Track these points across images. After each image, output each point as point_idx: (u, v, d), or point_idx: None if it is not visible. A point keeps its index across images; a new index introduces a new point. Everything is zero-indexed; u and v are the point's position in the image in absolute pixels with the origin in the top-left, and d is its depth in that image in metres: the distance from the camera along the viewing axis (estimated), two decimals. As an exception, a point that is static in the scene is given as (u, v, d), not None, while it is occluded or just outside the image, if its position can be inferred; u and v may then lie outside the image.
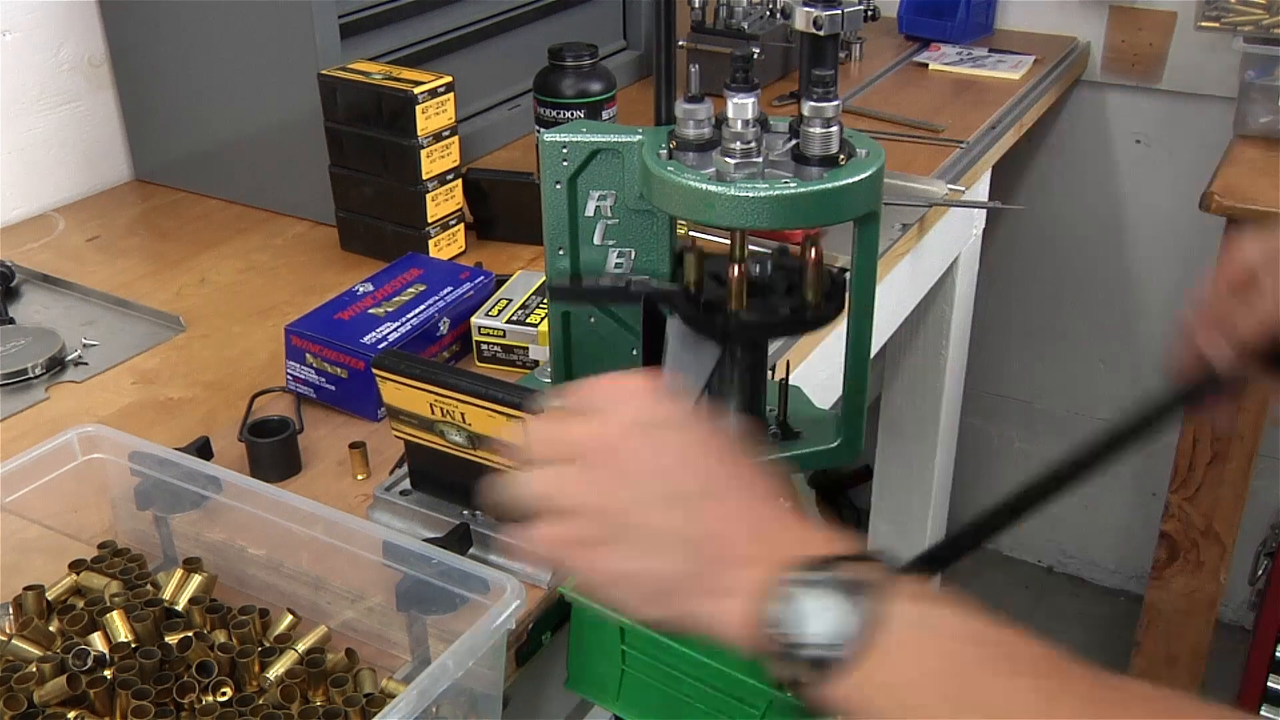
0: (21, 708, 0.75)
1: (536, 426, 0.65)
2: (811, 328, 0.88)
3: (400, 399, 0.86)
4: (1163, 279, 2.30)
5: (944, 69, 1.97)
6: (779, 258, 0.92)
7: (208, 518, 0.89)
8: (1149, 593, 2.08)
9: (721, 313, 0.86)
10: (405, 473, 0.93)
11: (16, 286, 1.31)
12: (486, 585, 0.77)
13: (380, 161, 1.31)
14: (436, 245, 1.33)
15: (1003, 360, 2.51)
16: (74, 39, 1.50)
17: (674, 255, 0.94)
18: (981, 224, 1.95)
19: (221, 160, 1.50)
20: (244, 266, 1.36)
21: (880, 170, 0.82)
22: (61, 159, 1.52)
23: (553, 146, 0.89)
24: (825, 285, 0.87)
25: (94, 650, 0.78)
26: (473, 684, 0.76)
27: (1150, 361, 2.38)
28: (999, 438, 2.61)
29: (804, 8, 0.79)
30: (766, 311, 0.86)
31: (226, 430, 1.04)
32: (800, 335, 0.87)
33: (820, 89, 0.81)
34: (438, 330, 1.12)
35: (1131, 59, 2.12)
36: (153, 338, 1.21)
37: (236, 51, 1.40)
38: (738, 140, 0.80)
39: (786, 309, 0.86)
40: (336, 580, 0.84)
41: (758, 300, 0.87)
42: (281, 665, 0.79)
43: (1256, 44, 1.80)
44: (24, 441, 1.00)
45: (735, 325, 0.86)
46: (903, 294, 1.63)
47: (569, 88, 1.38)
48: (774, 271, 0.90)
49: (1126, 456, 0.77)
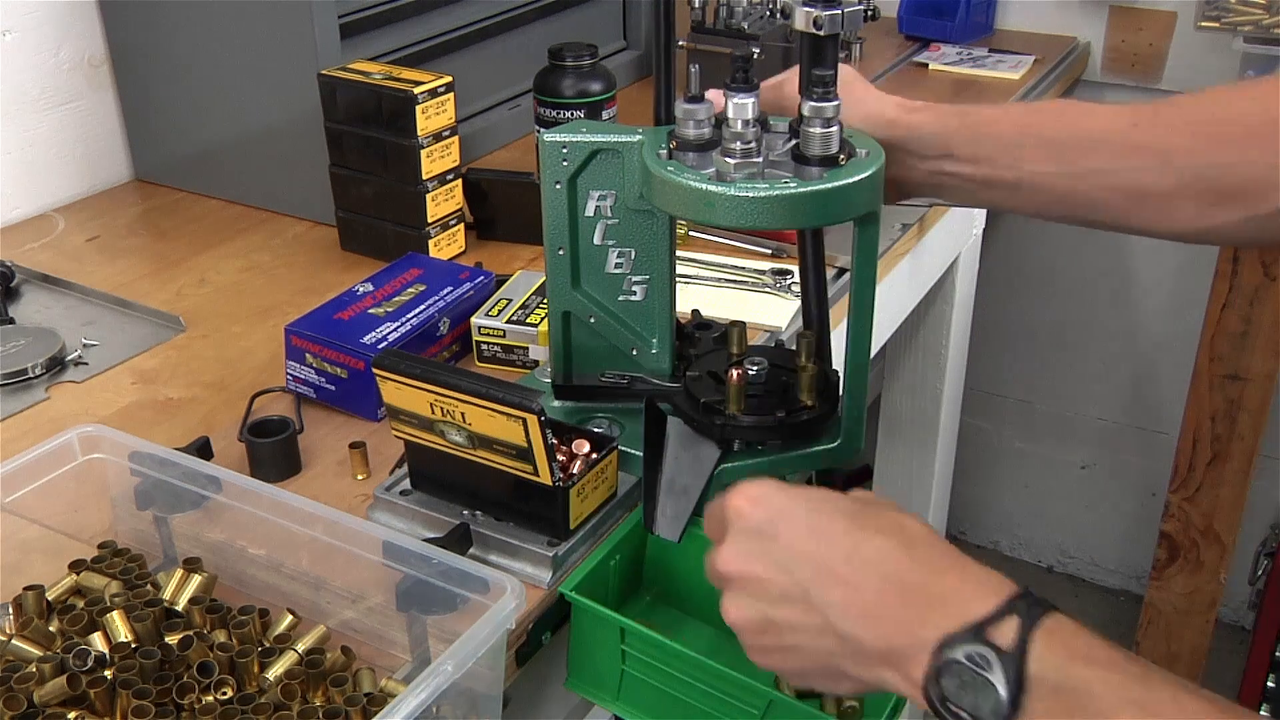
0: (21, 708, 0.75)
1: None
2: (807, 430, 0.92)
3: (400, 399, 0.86)
4: (1163, 279, 2.30)
5: (944, 69, 1.97)
6: (775, 355, 0.96)
7: (208, 518, 0.89)
8: (1149, 593, 2.08)
9: (720, 415, 0.91)
10: (405, 473, 0.93)
11: (16, 286, 1.31)
12: (486, 585, 0.77)
13: (380, 161, 1.31)
14: (436, 245, 1.33)
15: (1003, 360, 2.51)
16: (74, 39, 1.50)
17: (674, 352, 0.98)
18: (981, 224, 1.95)
19: (221, 160, 1.50)
20: (244, 266, 1.36)
21: (880, 170, 0.82)
22: (61, 159, 1.52)
23: (553, 146, 0.89)
24: (820, 386, 0.92)
25: (94, 650, 0.78)
26: (473, 684, 0.76)
27: (1150, 362, 2.38)
28: (999, 438, 2.61)
29: (804, 8, 0.79)
30: (763, 414, 0.91)
31: (226, 430, 1.04)
32: (798, 439, 0.92)
33: (820, 89, 0.81)
34: (438, 330, 1.12)
35: (1131, 59, 2.12)
36: (153, 338, 1.21)
37: (236, 51, 1.40)
38: (738, 140, 0.80)
39: (783, 412, 0.91)
40: (336, 580, 0.84)
41: (755, 402, 0.92)
42: (281, 665, 0.79)
43: (1256, 44, 1.80)
44: (24, 441, 1.00)
45: (732, 430, 0.90)
46: (903, 294, 1.63)
47: (569, 88, 1.38)
48: (771, 370, 0.94)
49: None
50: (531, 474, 0.85)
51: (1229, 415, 1.89)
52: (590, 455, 0.90)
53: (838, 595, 0.62)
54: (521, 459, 0.84)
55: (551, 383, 1.01)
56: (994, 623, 0.57)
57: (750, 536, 0.66)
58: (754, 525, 0.66)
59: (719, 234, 1.40)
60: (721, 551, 0.67)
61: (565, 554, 0.88)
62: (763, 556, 0.65)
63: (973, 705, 0.56)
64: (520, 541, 0.88)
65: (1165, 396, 2.36)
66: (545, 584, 0.87)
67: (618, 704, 0.87)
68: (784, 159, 0.83)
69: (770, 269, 1.31)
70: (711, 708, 0.81)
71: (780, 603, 0.64)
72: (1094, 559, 2.65)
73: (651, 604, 0.97)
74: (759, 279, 1.30)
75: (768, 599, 0.65)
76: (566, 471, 0.89)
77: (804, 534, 0.65)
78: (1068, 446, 2.55)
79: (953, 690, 0.56)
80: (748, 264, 1.33)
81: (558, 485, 0.85)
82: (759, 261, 1.34)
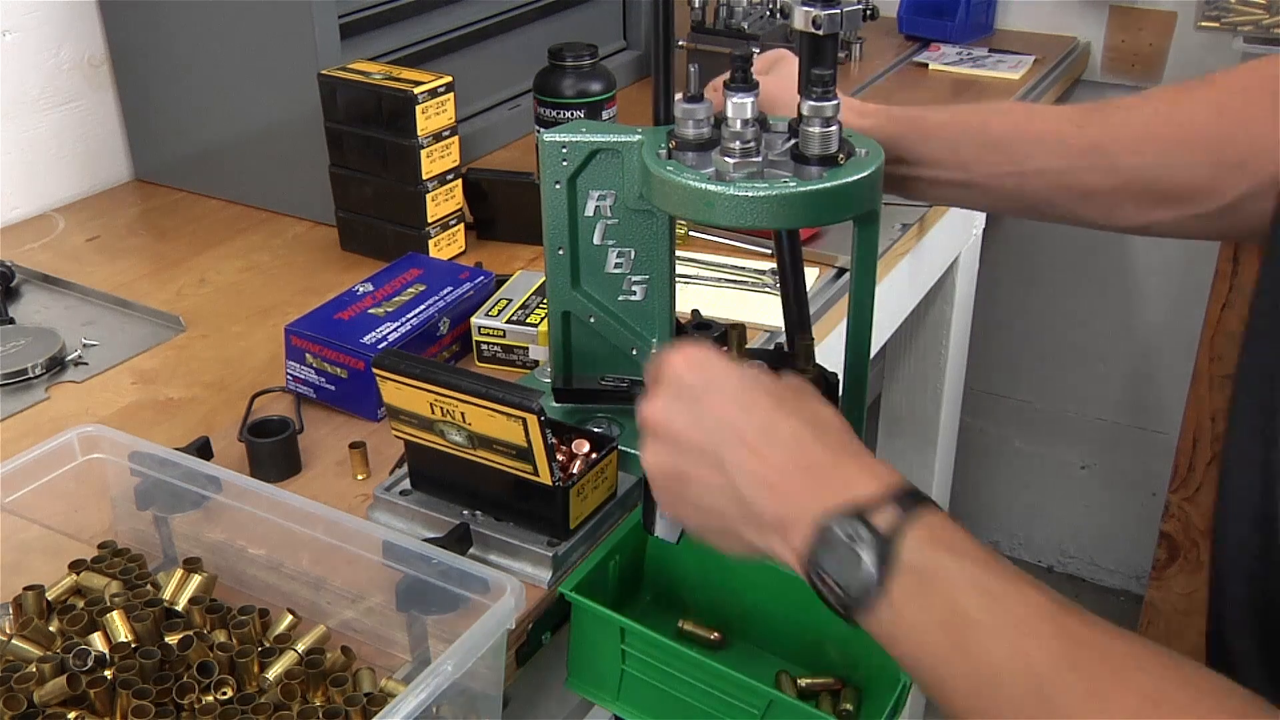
0: (21, 708, 0.75)
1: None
2: None
3: (400, 399, 0.86)
4: (1162, 279, 2.30)
5: (944, 69, 1.97)
6: (775, 357, 0.95)
7: (208, 518, 0.89)
8: (1149, 593, 2.08)
9: None
10: (405, 473, 0.93)
11: (16, 286, 1.31)
12: (486, 585, 0.77)
13: (380, 161, 1.31)
14: (436, 245, 1.33)
15: (1003, 360, 2.51)
16: (74, 39, 1.50)
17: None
18: (981, 224, 1.95)
19: (221, 160, 1.50)
20: (244, 266, 1.36)
21: (880, 169, 0.82)
22: (61, 159, 1.52)
23: (553, 146, 0.89)
24: (820, 389, 0.91)
25: (94, 650, 0.78)
26: (473, 684, 0.76)
27: (1150, 362, 2.38)
28: (999, 438, 2.61)
29: (803, 7, 0.79)
30: None
31: (226, 430, 1.04)
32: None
33: (819, 88, 0.81)
34: (438, 330, 1.12)
35: (1131, 59, 2.12)
36: (153, 338, 1.21)
37: (236, 51, 1.40)
38: (737, 140, 0.80)
39: None
40: (336, 580, 0.84)
41: None
42: (281, 665, 0.79)
43: (1256, 44, 1.80)
44: (24, 441, 1.00)
45: None
46: (903, 294, 1.63)
47: (569, 88, 1.38)
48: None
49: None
50: (531, 474, 0.85)
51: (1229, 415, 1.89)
52: (590, 455, 0.90)
53: (747, 463, 0.66)
54: (521, 459, 0.84)
55: (551, 385, 1.01)
56: (876, 507, 0.61)
57: (681, 395, 0.70)
58: (686, 385, 0.70)
59: (719, 234, 1.40)
60: (651, 401, 0.71)
61: (565, 554, 0.88)
62: (686, 414, 0.69)
63: (840, 574, 0.60)
64: (520, 541, 0.88)
65: (1165, 396, 2.36)
66: (545, 584, 0.87)
67: (618, 704, 0.87)
68: (783, 158, 0.83)
69: (770, 269, 1.31)
70: (711, 708, 0.81)
71: (695, 460, 0.68)
72: (1094, 559, 2.65)
73: (651, 604, 0.97)
74: (759, 279, 1.30)
75: (683, 453, 0.69)
76: (566, 471, 0.89)
77: (729, 403, 0.68)
78: (1068, 446, 2.55)
79: (826, 561, 0.61)
80: (747, 264, 1.33)
81: (558, 485, 0.85)
82: (759, 261, 1.34)
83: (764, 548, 0.66)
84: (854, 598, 0.60)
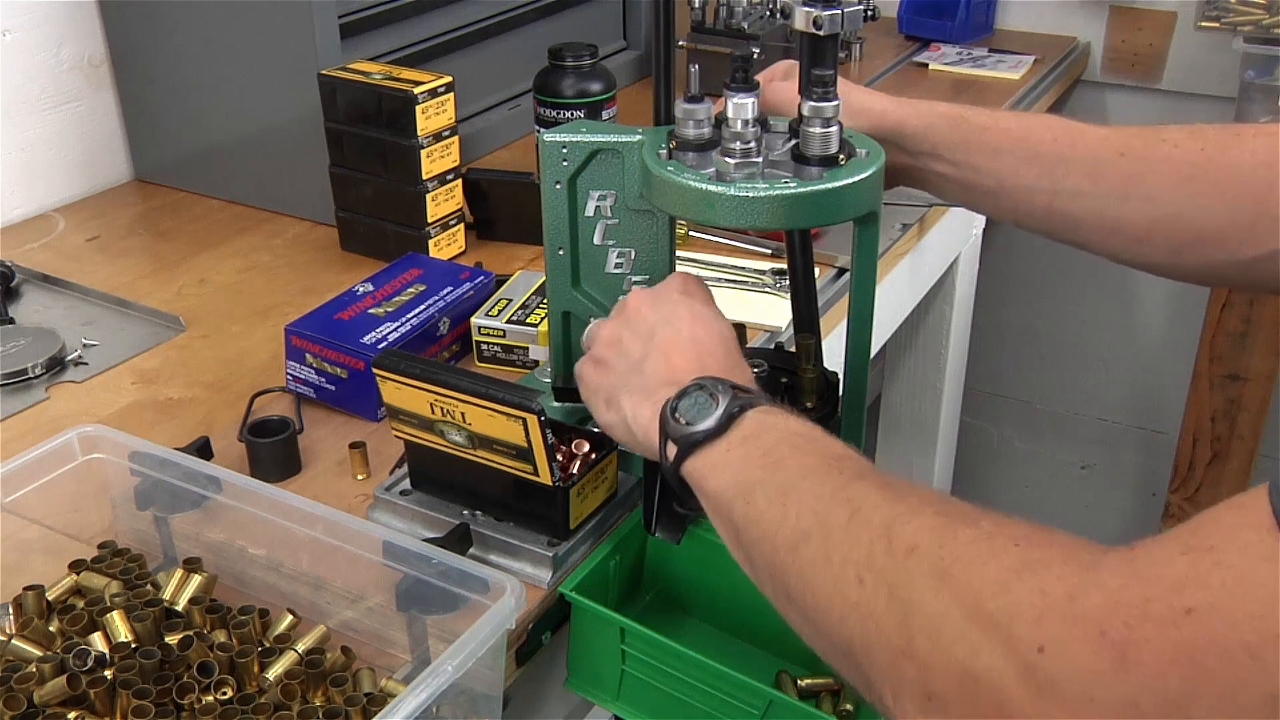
0: (21, 708, 0.75)
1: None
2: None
3: (400, 399, 0.86)
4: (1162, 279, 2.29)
5: (944, 69, 1.97)
6: (775, 357, 0.96)
7: (208, 518, 0.89)
8: (1149, 593, 2.07)
9: None
10: (405, 473, 0.93)
11: (16, 286, 1.31)
12: (486, 585, 0.77)
13: (380, 161, 1.31)
14: (436, 245, 1.33)
15: (1003, 360, 2.51)
16: (74, 39, 1.50)
17: None
18: (981, 224, 1.95)
19: (221, 160, 1.50)
20: (244, 266, 1.36)
21: (880, 170, 0.82)
22: (61, 159, 1.52)
23: (553, 146, 0.89)
24: (821, 388, 0.93)
25: (94, 650, 0.78)
26: (473, 684, 0.76)
27: (1150, 362, 2.38)
28: (999, 438, 2.61)
29: (804, 8, 0.79)
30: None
31: (226, 430, 1.04)
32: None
33: (820, 89, 0.81)
34: (438, 330, 1.12)
35: (1131, 59, 2.12)
36: (153, 338, 1.21)
37: (236, 51, 1.40)
38: (737, 140, 0.80)
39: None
40: (336, 580, 0.84)
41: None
42: (281, 665, 0.79)
43: (1256, 44, 1.80)
44: (24, 441, 1.00)
45: None
46: (903, 294, 1.63)
47: (569, 88, 1.38)
48: (771, 372, 0.95)
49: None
50: (531, 474, 0.85)
51: (1229, 415, 1.89)
52: (590, 455, 0.90)
53: (668, 340, 0.77)
54: (521, 459, 0.84)
55: (551, 385, 1.01)
56: (742, 391, 0.71)
57: (637, 334, 0.79)
58: (643, 328, 0.79)
59: (719, 234, 1.40)
60: (604, 328, 0.82)
61: (565, 554, 0.88)
62: (634, 340, 0.79)
63: (690, 413, 0.70)
64: (520, 541, 0.88)
65: (1165, 396, 2.36)
66: (545, 584, 0.87)
67: (618, 704, 0.87)
68: (784, 159, 0.83)
69: (770, 269, 1.31)
70: (711, 708, 0.81)
71: (625, 345, 0.79)
72: (1094, 559, 2.64)
73: (651, 604, 0.97)
74: (759, 279, 1.30)
75: (630, 325, 0.80)
76: (566, 471, 0.89)
77: (682, 333, 0.77)
78: (1068, 446, 2.55)
79: (682, 404, 0.71)
80: (748, 264, 1.33)
81: (558, 485, 0.85)
82: (759, 261, 1.34)
83: (630, 412, 0.75)
84: (696, 431, 0.69)
